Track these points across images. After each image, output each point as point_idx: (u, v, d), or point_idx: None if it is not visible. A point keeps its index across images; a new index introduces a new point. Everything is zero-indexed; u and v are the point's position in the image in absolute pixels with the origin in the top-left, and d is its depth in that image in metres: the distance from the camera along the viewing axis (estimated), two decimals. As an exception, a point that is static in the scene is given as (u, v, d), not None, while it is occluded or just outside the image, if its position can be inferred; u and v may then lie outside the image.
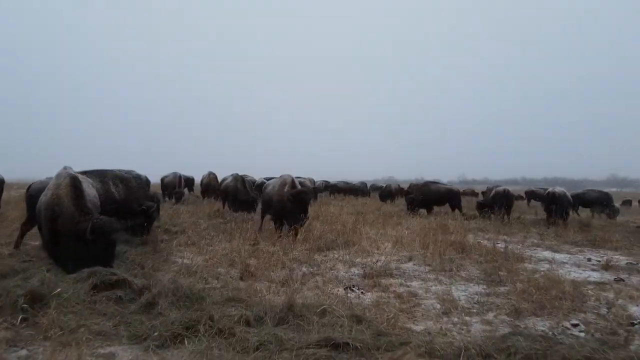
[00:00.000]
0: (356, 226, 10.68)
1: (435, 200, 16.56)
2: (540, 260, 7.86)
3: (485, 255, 7.82)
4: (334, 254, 7.80)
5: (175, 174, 18.83)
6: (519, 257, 7.72)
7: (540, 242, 10.33)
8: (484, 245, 9.09)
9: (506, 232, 11.86)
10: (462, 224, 12.89)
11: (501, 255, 7.71)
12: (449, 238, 9.50)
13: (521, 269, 6.86)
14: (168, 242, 8.23)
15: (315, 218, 12.69)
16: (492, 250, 8.36)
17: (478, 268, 6.91)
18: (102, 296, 4.32)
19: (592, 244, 10.00)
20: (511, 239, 10.66)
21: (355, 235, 9.45)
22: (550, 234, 11.44)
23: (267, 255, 7.04)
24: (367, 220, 12.93)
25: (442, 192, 16.51)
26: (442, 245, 8.46)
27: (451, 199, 16.49)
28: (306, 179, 22.56)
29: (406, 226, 12.15)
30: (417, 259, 7.35)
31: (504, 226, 12.67)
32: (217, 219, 12.26)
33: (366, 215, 14.97)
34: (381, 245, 8.87)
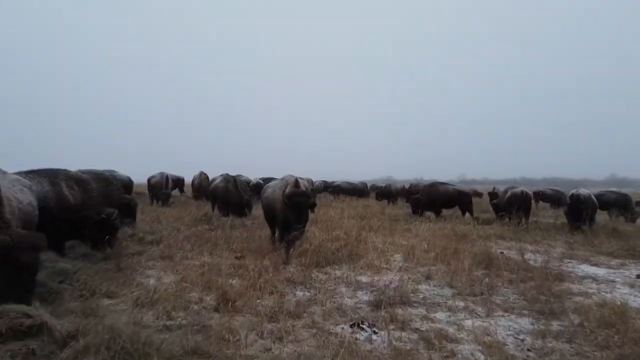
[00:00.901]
0: (360, 234, 9.38)
1: (444, 202, 15.26)
2: (583, 278, 6.55)
3: (518, 271, 6.53)
4: (335, 270, 6.50)
5: (162, 174, 17.51)
6: (557, 274, 6.43)
7: (570, 251, 9.02)
8: (511, 257, 7.80)
9: (527, 239, 10.58)
10: (477, 230, 11.63)
11: (537, 272, 6.43)
12: (469, 248, 8.22)
13: (566, 292, 5.57)
14: (137, 256, 6.89)
15: (314, 223, 11.41)
16: (522, 264, 7.08)
17: (514, 290, 5.60)
18: (5, 350, 3.01)
19: (631, 255, 8.70)
20: (536, 249, 9.39)
21: (360, 244, 8.16)
22: (579, 243, 10.14)
23: (254, 274, 5.73)
24: (371, 225, 11.63)
25: (452, 194, 15.20)
26: (463, 258, 7.18)
27: (462, 201, 15.19)
28: (304, 179, 21.26)
29: (416, 233, 10.86)
30: (437, 278, 6.03)
31: (523, 232, 11.36)
32: (203, 225, 10.93)
33: (370, 220, 13.67)
34: (390, 258, 7.58)
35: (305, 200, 7.09)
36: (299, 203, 6.98)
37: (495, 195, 20.26)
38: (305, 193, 7.19)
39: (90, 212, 6.22)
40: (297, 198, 7.04)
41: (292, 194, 7.06)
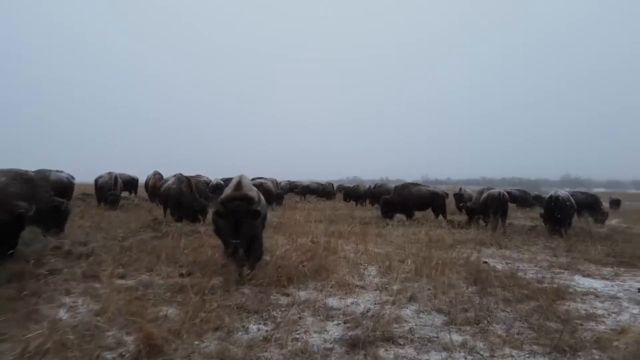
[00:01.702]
0: (329, 241, 8.34)
1: (417, 204, 14.46)
2: (583, 294, 5.72)
3: (511, 287, 5.64)
4: (300, 291, 5.39)
5: (111, 173, 15.91)
6: (556, 290, 5.58)
7: (556, 259, 8.30)
8: (497, 269, 6.95)
9: (508, 245, 9.85)
10: (453, 235, 10.83)
11: (533, 288, 5.57)
12: (450, 257, 7.32)
13: (573, 314, 4.70)
14: (54, 276, 5.56)
15: (277, 229, 10.30)
16: (512, 277, 6.22)
17: (515, 314, 4.68)
18: None
19: (620, 263, 8.05)
20: (519, 256, 8.62)
21: (329, 255, 7.10)
22: (561, 248, 9.47)
23: (199, 298, 4.57)
24: (341, 231, 10.62)
25: (425, 196, 14.42)
26: (447, 271, 6.25)
27: (435, 203, 14.43)
28: (268, 179, 20.09)
29: (389, 239, 9.93)
30: (423, 300, 5.02)
31: (502, 237, 10.63)
32: (150, 232, 9.60)
33: (339, 223, 12.67)
34: (364, 272, 6.56)
35: (244, 207, 5.26)
36: (234, 211, 5.21)
37: (460, 196, 19.69)
38: (246, 197, 5.40)
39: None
40: (232, 204, 5.27)
41: (226, 198, 5.41)
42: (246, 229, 5.25)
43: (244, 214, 5.21)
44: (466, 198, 18.67)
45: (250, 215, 5.24)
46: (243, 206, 5.24)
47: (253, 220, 5.32)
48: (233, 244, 5.10)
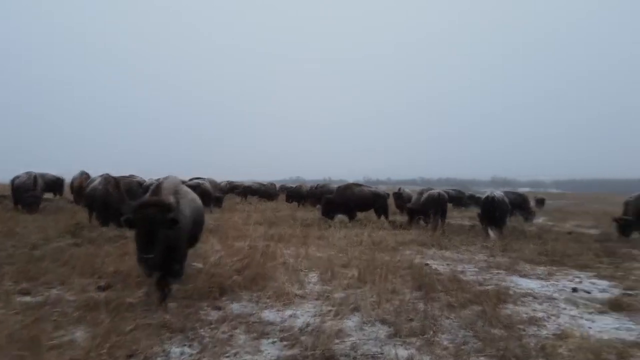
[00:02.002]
0: (269, 245, 7.91)
1: (360, 205, 14.32)
2: (522, 296, 5.72)
3: (454, 292, 5.53)
4: (233, 303, 4.94)
5: (30, 173, 14.40)
6: (497, 292, 5.52)
7: (493, 259, 8.41)
8: (440, 271, 6.87)
9: (447, 245, 9.91)
10: (395, 236, 10.78)
11: (474, 292, 5.51)
12: (393, 261, 7.15)
13: (515, 319, 4.62)
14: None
15: (213, 232, 9.70)
16: (454, 280, 6.14)
17: (459, 321, 4.52)
18: None
19: (552, 262, 8.30)
20: (459, 257, 8.67)
21: (267, 260, 6.66)
22: (498, 248, 9.66)
23: (114, 317, 3.99)
24: (282, 234, 10.22)
25: (368, 196, 14.33)
26: (391, 277, 6.04)
27: (377, 203, 14.39)
28: (206, 180, 19.19)
29: (332, 241, 9.65)
30: (365, 309, 4.73)
31: (442, 237, 10.71)
32: (69, 239, 8.65)
33: (279, 226, 12.25)
34: (305, 279, 6.20)
35: (158, 215, 4.27)
36: (144, 220, 4.23)
37: (400, 195, 19.85)
38: (159, 203, 4.40)
39: None
40: (143, 212, 4.29)
41: (137, 205, 4.44)
42: (160, 241, 4.26)
43: (157, 224, 4.23)
44: (405, 198, 18.90)
45: (165, 225, 4.28)
46: (156, 214, 4.26)
47: (169, 230, 4.36)
48: (144, 259, 4.14)
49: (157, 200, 4.42)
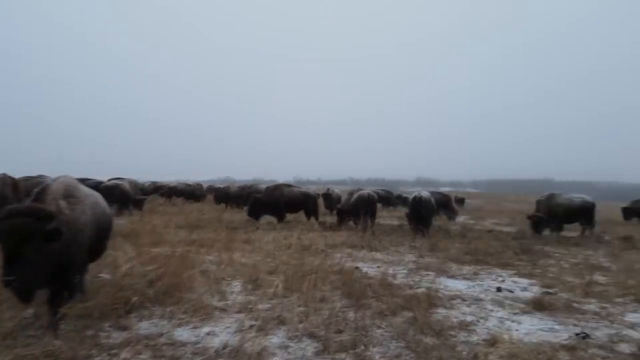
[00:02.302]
0: (189, 251, 7.29)
1: (289, 206, 13.96)
2: (451, 298, 5.66)
3: (384, 298, 5.32)
4: (141, 322, 4.33)
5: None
6: (427, 296, 5.39)
7: (422, 260, 8.43)
8: (370, 275, 6.67)
9: (377, 247, 9.83)
10: (325, 238, 10.54)
11: (405, 296, 5.35)
12: (322, 264, 6.84)
13: (446, 324, 4.48)
14: None
15: (129, 237, 8.81)
16: (384, 284, 5.96)
17: (390, 329, 4.28)
18: None
19: (477, 261, 8.49)
20: (389, 258, 8.59)
21: (186, 269, 6.04)
22: (425, 248, 9.76)
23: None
24: (204, 237, 9.58)
25: (297, 197, 14.00)
26: (320, 283, 5.72)
27: (307, 204, 14.11)
28: (125, 180, 17.82)
29: (259, 245, 9.18)
30: (292, 322, 4.34)
31: (371, 238, 10.64)
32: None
33: (203, 229, 11.56)
34: (227, 289, 5.69)
35: (29, 227, 3.39)
36: (8, 233, 3.33)
37: (329, 196, 19.76)
38: (31, 211, 3.52)
39: None
40: (7, 223, 3.39)
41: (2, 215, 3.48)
42: (31, 260, 3.36)
43: (27, 237, 3.34)
44: (334, 198, 18.84)
45: (40, 238, 3.40)
46: (27, 225, 3.36)
47: (53, 243, 3.48)
48: (6, 282, 3.22)
49: (30, 208, 3.56)
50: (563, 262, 8.86)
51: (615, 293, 6.13)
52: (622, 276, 7.21)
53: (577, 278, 7.11)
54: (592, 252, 10.33)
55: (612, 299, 5.86)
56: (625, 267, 8.10)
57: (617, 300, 5.81)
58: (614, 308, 5.41)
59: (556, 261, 8.90)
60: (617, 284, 6.64)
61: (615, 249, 10.39)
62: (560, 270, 7.91)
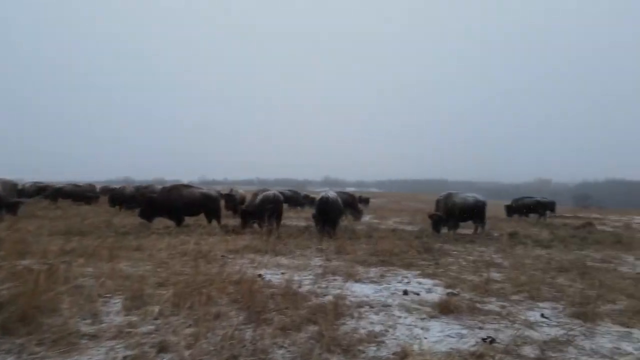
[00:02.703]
0: (65, 262, 6.19)
1: (188, 208, 12.92)
2: (359, 305, 5.36)
3: (288, 309, 4.84)
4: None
5: None
6: (334, 305, 5.02)
7: (329, 264, 8.14)
8: (273, 283, 6.16)
9: (283, 251, 9.37)
10: (226, 242, 9.83)
11: (310, 307, 4.93)
12: (222, 274, 6.17)
13: (354, 338, 4.13)
14: None
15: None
16: (287, 293, 5.49)
17: (293, 350, 3.79)
18: None
19: (382, 262, 8.40)
20: (295, 263, 8.16)
21: (55, 284, 5.00)
22: (332, 251, 9.52)
23: None
24: (87, 244, 8.35)
25: (197, 198, 13.01)
26: (216, 295, 5.09)
27: (209, 206, 13.18)
28: None
29: (151, 252, 8.20)
30: (177, 348, 3.65)
31: (277, 242, 10.14)
32: None
33: (88, 235, 10.19)
34: (103, 308, 4.79)
35: None
36: None
37: (232, 197, 18.94)
38: None
39: None
40: None
41: None
42: None
43: None
44: (238, 199, 18.05)
45: None
46: None
47: None
48: None
49: None
50: (461, 259, 9.17)
51: (510, 290, 6.33)
52: (514, 272, 7.57)
53: (475, 276, 7.31)
54: (484, 248, 10.92)
55: (509, 296, 6.02)
56: (515, 263, 8.59)
57: (514, 297, 5.99)
58: (512, 307, 5.52)
59: (455, 259, 9.18)
60: (511, 280, 6.91)
61: (503, 245, 11.12)
62: (459, 268, 8.11)
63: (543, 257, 9.43)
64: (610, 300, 5.74)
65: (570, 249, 10.98)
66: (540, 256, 9.61)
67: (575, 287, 6.65)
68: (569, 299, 5.82)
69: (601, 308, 5.02)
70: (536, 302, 5.80)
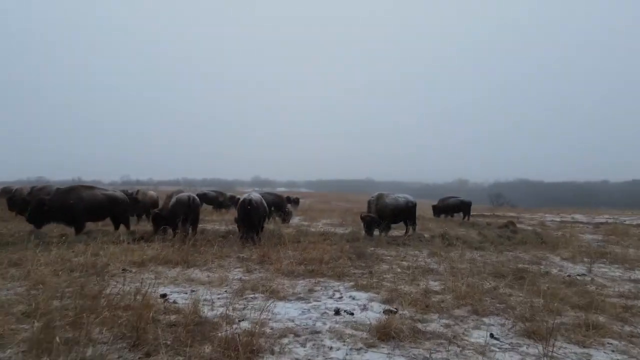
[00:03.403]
0: None
1: (89, 212, 11.11)
2: (281, 335, 4.38)
3: (186, 347, 3.75)
4: None
5: None
6: (251, 336, 4.01)
7: (248, 277, 7.09)
8: (178, 306, 5.00)
9: (197, 261, 8.14)
10: (131, 252, 8.40)
11: (218, 339, 3.87)
12: (113, 297, 4.89)
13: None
14: None
15: None
16: (192, 320, 4.39)
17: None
18: None
19: (311, 272, 7.49)
20: (210, 277, 7.00)
21: None
22: (254, 261, 8.44)
23: None
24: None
25: (101, 201, 11.24)
26: (97, 326, 3.86)
27: (115, 210, 11.47)
28: None
29: (32, 268, 6.61)
30: None
31: (192, 251, 8.84)
32: None
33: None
34: None
35: None
36: None
37: (135, 199, 16.78)
38: None
39: None
40: None
41: None
42: None
43: None
44: (148, 202, 16.25)
45: None
46: None
47: None
48: None
49: None
50: (395, 265, 8.53)
51: (452, 303, 5.68)
52: (451, 280, 7.01)
53: (413, 286, 6.65)
54: (417, 252, 10.42)
55: (451, 311, 5.37)
56: (451, 269, 8.08)
57: (457, 312, 5.34)
58: (457, 325, 4.85)
59: (389, 265, 8.51)
60: (450, 291, 6.29)
61: (436, 248, 10.70)
62: (395, 276, 7.42)
63: (477, 261, 9.07)
64: (556, 312, 5.27)
65: (500, 250, 10.81)
66: (474, 260, 9.24)
67: (517, 295, 6.20)
68: (515, 312, 5.29)
69: (549, 322, 4.47)
70: (481, 317, 5.20)
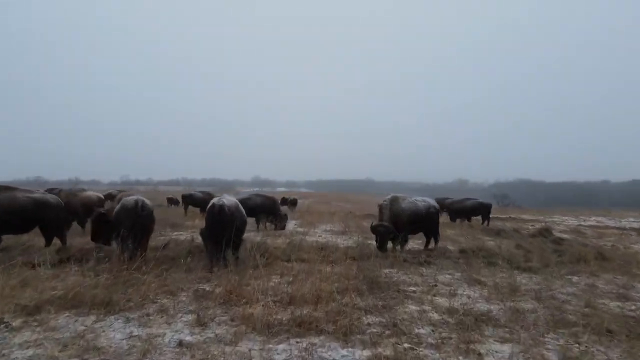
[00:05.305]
0: None
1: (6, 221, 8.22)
2: None
3: None
4: None
5: None
6: None
7: (193, 338, 4.31)
8: None
9: (127, 302, 5.35)
10: (34, 285, 5.62)
11: None
12: None
13: None
14: None
15: None
16: None
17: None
18: None
19: (298, 325, 4.70)
20: (133, 335, 4.22)
21: None
22: (219, 297, 5.64)
23: None
24: None
25: (24, 206, 8.30)
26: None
27: (44, 219, 8.59)
28: None
29: None
30: None
31: (130, 281, 6.05)
32: None
33: None
34: None
35: None
36: None
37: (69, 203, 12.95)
38: None
39: None
40: None
41: None
42: None
43: None
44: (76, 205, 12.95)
45: None
46: None
47: None
48: None
49: None
50: (428, 304, 5.74)
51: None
52: (525, 337, 4.20)
53: (469, 357, 3.86)
54: (449, 276, 7.66)
55: None
56: (517, 316, 5.28)
57: None
58: None
59: (418, 305, 5.70)
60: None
61: (474, 271, 7.88)
62: (433, 331, 4.65)
63: (544, 298, 6.24)
64: None
65: (560, 274, 7.97)
66: (539, 293, 6.40)
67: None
68: None
69: None
70: None
